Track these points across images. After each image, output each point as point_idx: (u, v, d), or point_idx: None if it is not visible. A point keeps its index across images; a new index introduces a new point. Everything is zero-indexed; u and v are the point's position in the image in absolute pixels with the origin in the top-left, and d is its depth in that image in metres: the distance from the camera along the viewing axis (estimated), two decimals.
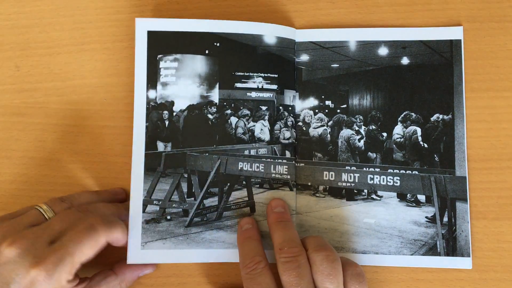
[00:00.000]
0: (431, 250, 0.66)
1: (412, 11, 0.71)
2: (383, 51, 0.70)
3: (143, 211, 0.67)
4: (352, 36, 0.71)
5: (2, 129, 0.72)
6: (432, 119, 0.69)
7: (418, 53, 0.69)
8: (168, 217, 0.68)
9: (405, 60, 0.70)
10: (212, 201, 0.69)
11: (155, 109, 0.70)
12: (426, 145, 0.69)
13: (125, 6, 0.73)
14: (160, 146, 0.69)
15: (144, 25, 0.69)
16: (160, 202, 0.68)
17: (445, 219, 0.67)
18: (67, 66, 0.72)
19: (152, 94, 0.69)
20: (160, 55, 0.70)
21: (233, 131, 0.70)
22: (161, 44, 0.69)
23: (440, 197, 0.67)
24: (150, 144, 0.69)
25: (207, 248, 0.67)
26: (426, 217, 0.67)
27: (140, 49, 0.69)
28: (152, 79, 0.70)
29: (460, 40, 0.69)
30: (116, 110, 0.71)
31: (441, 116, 0.68)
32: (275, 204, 0.66)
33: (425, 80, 0.69)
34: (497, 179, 0.68)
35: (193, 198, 0.69)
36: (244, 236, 0.64)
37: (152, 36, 0.69)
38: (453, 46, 0.69)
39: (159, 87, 0.70)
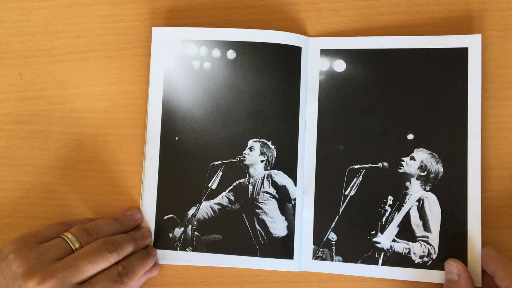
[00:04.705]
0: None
1: (415, 19, 0.71)
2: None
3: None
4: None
5: (5, 137, 0.72)
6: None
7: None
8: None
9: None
10: None
11: None
12: None
13: (128, 14, 0.73)
14: None
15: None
16: None
17: None
18: (70, 74, 0.72)
19: None
20: None
21: None
22: None
23: None
24: None
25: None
26: None
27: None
28: None
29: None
30: (119, 118, 0.72)
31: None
32: None
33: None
34: (499, 188, 0.68)
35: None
36: None
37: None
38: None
39: None
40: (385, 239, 0.67)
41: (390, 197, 0.67)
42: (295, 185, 0.69)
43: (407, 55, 0.69)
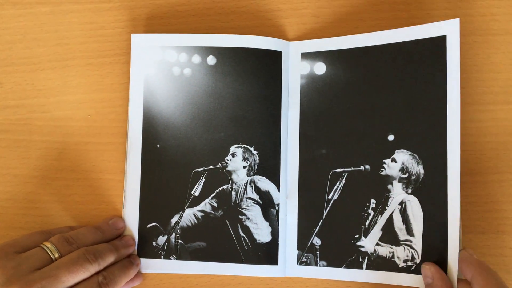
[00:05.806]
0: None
1: (396, 25, 0.70)
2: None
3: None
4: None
5: None
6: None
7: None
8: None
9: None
10: None
11: None
12: None
13: (108, 21, 0.73)
14: None
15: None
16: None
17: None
18: (51, 82, 0.72)
19: None
20: None
21: None
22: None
23: None
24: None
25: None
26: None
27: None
28: None
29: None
30: (100, 126, 0.71)
31: None
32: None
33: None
34: (482, 192, 0.68)
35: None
36: None
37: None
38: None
39: None
40: (369, 243, 0.66)
41: (373, 200, 0.67)
42: (279, 190, 0.68)
43: (385, 51, 0.67)
